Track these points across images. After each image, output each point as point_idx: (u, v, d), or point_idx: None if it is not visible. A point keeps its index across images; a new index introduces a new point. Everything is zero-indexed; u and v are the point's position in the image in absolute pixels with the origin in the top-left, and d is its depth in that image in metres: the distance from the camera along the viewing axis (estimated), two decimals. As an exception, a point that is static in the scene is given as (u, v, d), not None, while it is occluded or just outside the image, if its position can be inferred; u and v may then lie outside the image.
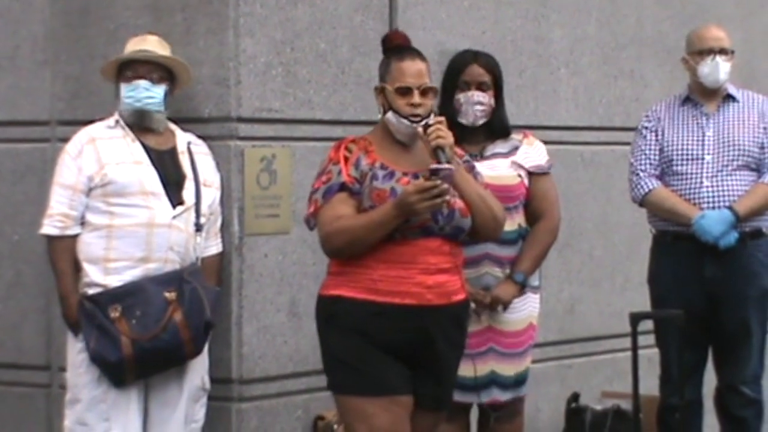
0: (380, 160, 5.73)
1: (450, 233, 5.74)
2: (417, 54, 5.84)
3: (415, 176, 5.65)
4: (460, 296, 5.83)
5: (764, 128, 7.34)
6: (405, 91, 5.74)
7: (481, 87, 6.67)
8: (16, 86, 7.49)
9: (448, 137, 5.69)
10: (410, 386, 5.73)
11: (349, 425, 5.79)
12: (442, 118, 5.81)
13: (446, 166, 5.59)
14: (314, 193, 5.74)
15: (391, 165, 5.73)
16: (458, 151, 5.96)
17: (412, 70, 5.76)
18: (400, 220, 5.58)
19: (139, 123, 6.63)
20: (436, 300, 5.71)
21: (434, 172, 5.52)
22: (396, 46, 5.90)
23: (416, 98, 5.74)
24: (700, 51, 7.29)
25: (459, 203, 5.69)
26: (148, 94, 6.60)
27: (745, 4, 9.21)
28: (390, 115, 5.78)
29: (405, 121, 5.74)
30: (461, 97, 6.66)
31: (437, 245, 5.71)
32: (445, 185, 5.53)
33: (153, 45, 6.69)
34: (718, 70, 7.27)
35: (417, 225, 5.63)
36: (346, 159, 5.73)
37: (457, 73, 6.71)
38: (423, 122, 5.71)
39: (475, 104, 6.66)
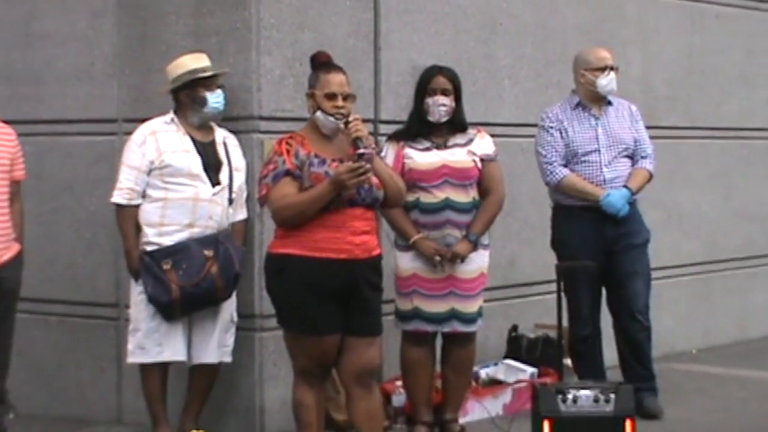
0: (314, 151, 5.72)
1: (369, 203, 5.75)
2: (339, 68, 5.86)
3: (341, 161, 5.66)
4: (377, 251, 5.86)
5: (635, 127, 7.40)
6: (331, 96, 5.74)
7: (444, 93, 6.69)
8: (91, 93, 7.46)
9: (364, 130, 5.72)
10: (339, 326, 5.72)
11: (290, 352, 5.85)
12: (359, 116, 5.83)
13: (369, 150, 5.67)
14: (263, 179, 5.75)
15: (322, 153, 5.72)
16: (370, 141, 5.97)
17: (336, 80, 5.77)
18: (334, 195, 5.59)
19: (213, 120, 6.72)
20: (361, 254, 5.71)
21: (360, 156, 5.58)
22: (322, 63, 5.89)
23: (340, 101, 5.75)
24: (599, 68, 7.31)
25: (374, 179, 5.71)
26: (224, 100, 6.65)
27: (643, 31, 9.16)
28: (319, 114, 5.77)
29: (331, 119, 5.74)
30: (429, 101, 6.68)
31: (361, 213, 5.72)
32: (368, 165, 5.59)
33: (208, 61, 6.71)
34: (614, 81, 7.31)
35: (346, 198, 5.64)
36: (288, 151, 5.71)
37: (426, 82, 6.72)
38: (344, 119, 5.70)
39: (439, 106, 6.67)
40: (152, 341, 6.58)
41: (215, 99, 6.62)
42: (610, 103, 7.38)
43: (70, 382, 7.50)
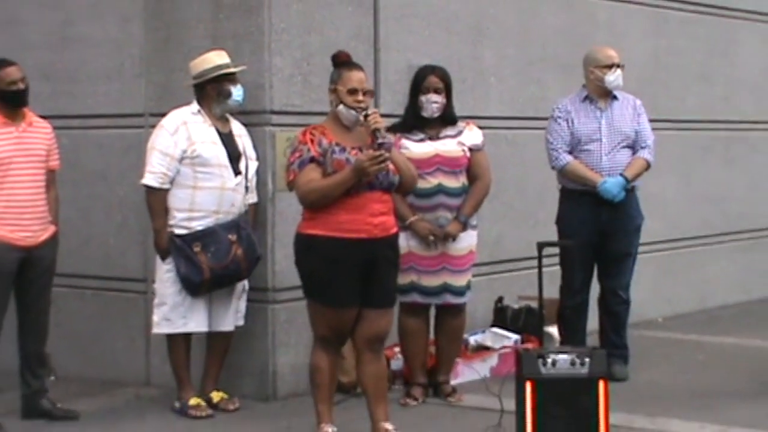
0: (335, 140, 5.64)
1: (386, 187, 5.66)
2: (359, 66, 5.78)
3: (360, 149, 5.60)
4: (394, 230, 5.78)
5: (637, 120, 7.25)
6: (353, 92, 5.66)
7: (437, 91, 6.63)
8: (122, 90, 7.39)
9: (381, 122, 5.64)
10: (357, 300, 5.65)
11: (312, 321, 5.79)
12: (377, 109, 5.77)
13: (388, 140, 5.62)
14: (291, 165, 5.66)
15: (342, 143, 5.64)
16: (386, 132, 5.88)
17: (357, 77, 5.69)
18: (355, 180, 5.51)
19: (232, 112, 6.63)
20: (380, 234, 5.64)
21: (380, 145, 5.52)
22: (342, 62, 5.78)
23: (360, 96, 5.65)
24: (607, 65, 7.19)
25: (390, 165, 5.62)
26: (243, 94, 6.57)
27: (613, 34, 9.05)
28: (342, 107, 5.67)
29: (353, 112, 5.65)
30: (423, 98, 6.63)
31: (378, 196, 5.64)
32: (387, 154, 5.52)
33: (228, 58, 6.62)
34: (620, 78, 7.20)
35: (365, 183, 5.55)
36: (312, 140, 5.62)
37: (421, 81, 6.66)
38: (364, 113, 5.62)
39: (432, 103, 6.61)
40: (177, 314, 6.50)
41: (238, 92, 6.55)
42: (615, 97, 7.26)
43: (103, 349, 7.46)
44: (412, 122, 6.66)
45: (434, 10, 7.81)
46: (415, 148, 6.58)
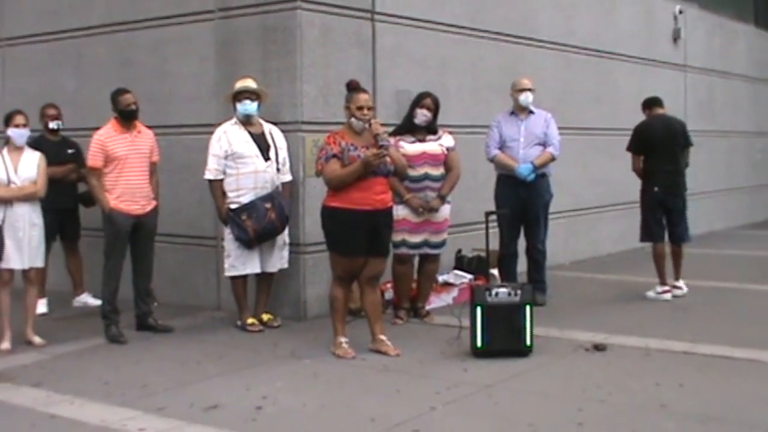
0: (350, 142, 5.58)
1: (385, 174, 5.61)
2: (365, 90, 5.72)
3: (367, 148, 5.53)
4: (390, 204, 5.72)
5: (546, 125, 7.17)
6: (360, 108, 5.57)
7: (428, 108, 6.57)
8: (200, 109, 7.30)
9: (381, 129, 5.57)
10: (364, 251, 5.59)
11: (332, 266, 5.72)
12: (378, 120, 5.69)
13: (387, 142, 5.55)
14: (319, 159, 5.61)
15: (355, 143, 5.58)
16: (385, 135, 5.77)
17: (363, 98, 5.62)
18: (364, 170, 5.46)
19: (247, 121, 6.47)
20: (381, 207, 5.59)
21: (382, 146, 5.47)
22: (354, 87, 5.70)
23: (365, 111, 5.58)
24: (521, 89, 7.17)
25: (388, 159, 5.57)
26: (251, 107, 6.40)
27: (536, 68, 9.00)
28: (353, 120, 5.61)
29: (360, 122, 5.58)
30: (418, 110, 6.58)
31: (380, 180, 5.58)
32: (386, 152, 5.48)
33: (251, 82, 6.51)
34: (529, 98, 7.16)
35: (371, 171, 5.50)
36: (334, 142, 5.57)
37: (420, 99, 6.61)
38: (368, 122, 5.57)
39: (423, 116, 6.57)
40: (239, 262, 6.45)
41: (241, 106, 6.41)
42: (532, 112, 7.20)
43: (188, 284, 7.40)
44: (408, 126, 6.61)
45: (414, 51, 7.72)
46: (409, 147, 6.52)
